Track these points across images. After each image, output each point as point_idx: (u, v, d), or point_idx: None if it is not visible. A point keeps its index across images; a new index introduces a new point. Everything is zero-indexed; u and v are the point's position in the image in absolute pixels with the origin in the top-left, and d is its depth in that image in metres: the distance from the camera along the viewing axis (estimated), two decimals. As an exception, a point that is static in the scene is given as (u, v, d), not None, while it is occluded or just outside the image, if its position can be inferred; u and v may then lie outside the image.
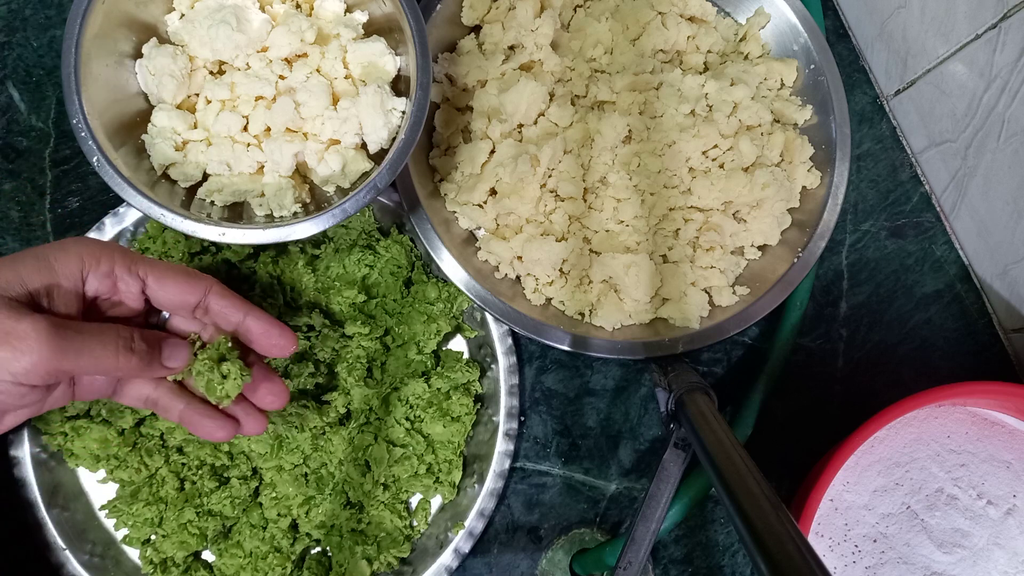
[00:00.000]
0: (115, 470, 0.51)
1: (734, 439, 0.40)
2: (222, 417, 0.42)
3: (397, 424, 0.54)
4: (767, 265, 0.57)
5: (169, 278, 0.40)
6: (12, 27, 0.58)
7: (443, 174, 0.57)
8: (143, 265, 0.39)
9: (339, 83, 0.51)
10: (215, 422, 0.41)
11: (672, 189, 0.56)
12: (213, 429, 0.41)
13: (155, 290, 0.40)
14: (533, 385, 0.58)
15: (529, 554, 0.56)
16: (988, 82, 0.54)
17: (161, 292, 0.40)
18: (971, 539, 0.52)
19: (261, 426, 0.44)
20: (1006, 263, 0.59)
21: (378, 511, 0.53)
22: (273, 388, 0.44)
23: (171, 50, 0.49)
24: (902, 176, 0.65)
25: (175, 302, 0.41)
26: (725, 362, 0.60)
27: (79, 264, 0.37)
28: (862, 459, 0.54)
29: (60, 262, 0.36)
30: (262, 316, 0.42)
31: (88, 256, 0.37)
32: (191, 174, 0.49)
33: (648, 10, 0.58)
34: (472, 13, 0.57)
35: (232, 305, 0.42)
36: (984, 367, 0.62)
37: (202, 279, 0.41)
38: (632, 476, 0.58)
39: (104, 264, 0.38)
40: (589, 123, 0.56)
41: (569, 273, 0.55)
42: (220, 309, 0.41)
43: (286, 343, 0.43)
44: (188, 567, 0.51)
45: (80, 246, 0.38)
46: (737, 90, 0.56)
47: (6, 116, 0.57)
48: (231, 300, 0.42)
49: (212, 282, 0.41)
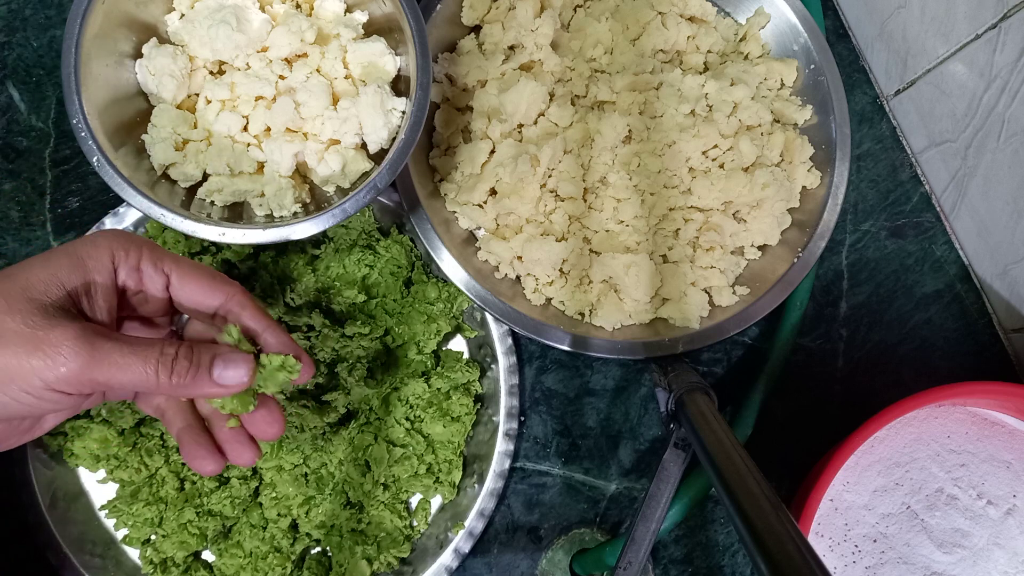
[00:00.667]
0: (115, 470, 0.51)
1: (734, 439, 0.40)
2: (215, 451, 0.39)
3: (397, 424, 0.54)
4: (767, 265, 0.57)
5: (192, 277, 0.38)
6: (12, 27, 0.58)
7: (443, 174, 0.57)
8: (168, 261, 0.38)
9: (339, 83, 0.51)
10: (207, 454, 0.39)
11: (672, 189, 0.56)
12: (202, 462, 0.39)
13: (177, 288, 0.38)
14: (533, 385, 0.58)
15: (529, 554, 0.56)
16: (988, 82, 0.54)
17: (183, 290, 0.38)
18: (971, 539, 0.52)
19: (253, 457, 0.41)
20: (1006, 263, 0.59)
21: (378, 511, 0.53)
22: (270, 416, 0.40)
23: (171, 50, 0.49)
24: (902, 176, 0.65)
25: (194, 303, 0.39)
26: (725, 362, 0.60)
27: (110, 257, 0.36)
28: (862, 459, 0.54)
29: (93, 258, 0.35)
30: (281, 335, 0.40)
31: (118, 248, 0.36)
32: (191, 174, 0.49)
33: (648, 10, 0.58)
34: (472, 13, 0.58)
35: (254, 317, 0.39)
36: (984, 367, 0.62)
37: (227, 284, 0.39)
38: (632, 476, 0.58)
39: (132, 256, 0.37)
40: (589, 123, 0.56)
41: (569, 273, 0.55)
42: (239, 319, 0.39)
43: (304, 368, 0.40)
44: (188, 567, 0.51)
45: (110, 239, 0.37)
46: (737, 90, 0.56)
47: (6, 116, 0.57)
48: (253, 312, 0.39)
49: (237, 289, 0.39)
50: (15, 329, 0.32)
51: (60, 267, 0.34)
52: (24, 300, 0.33)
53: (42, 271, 0.34)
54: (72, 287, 0.34)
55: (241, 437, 0.40)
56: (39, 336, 0.32)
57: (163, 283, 0.38)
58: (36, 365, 0.32)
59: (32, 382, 0.32)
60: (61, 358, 0.32)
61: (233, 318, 0.39)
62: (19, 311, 0.32)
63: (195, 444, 0.39)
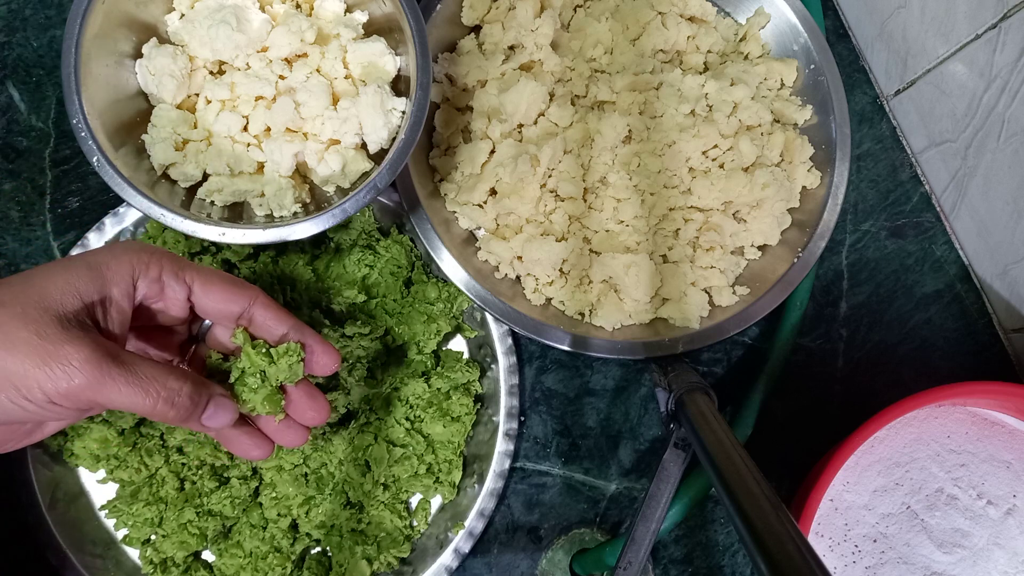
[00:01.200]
0: (115, 470, 0.51)
1: (734, 439, 0.40)
2: (260, 437, 0.41)
3: (397, 424, 0.54)
4: (767, 265, 0.57)
5: (215, 285, 0.39)
6: (12, 27, 0.58)
7: (443, 174, 0.57)
8: (190, 271, 0.38)
9: (339, 83, 0.51)
10: (253, 441, 0.40)
11: (672, 189, 0.56)
12: (250, 449, 0.40)
13: (200, 297, 0.39)
14: (533, 385, 0.58)
15: (529, 554, 0.56)
16: (988, 82, 0.54)
17: (206, 299, 0.39)
18: (971, 539, 0.52)
19: (303, 437, 0.42)
20: (1006, 263, 0.59)
21: (378, 511, 0.53)
22: (314, 403, 0.42)
23: (171, 50, 0.49)
24: (902, 176, 0.65)
25: (219, 310, 0.40)
26: (725, 362, 0.60)
27: (131, 271, 0.36)
28: (862, 459, 0.54)
29: (112, 270, 0.36)
30: (307, 331, 0.41)
31: (138, 262, 0.37)
32: (191, 174, 0.49)
33: (648, 10, 0.58)
34: (472, 13, 0.58)
35: (277, 318, 0.40)
36: (984, 367, 0.62)
37: (248, 289, 0.40)
38: (632, 476, 0.58)
39: (153, 269, 0.37)
40: (589, 123, 0.56)
41: (569, 273, 0.55)
42: (264, 321, 0.40)
43: (329, 361, 0.41)
44: (188, 567, 0.51)
45: (131, 252, 0.37)
46: (737, 90, 0.56)
47: (6, 116, 0.57)
48: (275, 312, 0.40)
49: (258, 292, 0.40)
50: (26, 338, 0.32)
51: (79, 277, 0.34)
52: (40, 308, 0.33)
53: (60, 279, 0.34)
54: (89, 299, 0.34)
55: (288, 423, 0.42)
56: (49, 349, 0.32)
57: (185, 293, 0.39)
58: (40, 376, 0.32)
59: (34, 392, 0.32)
60: (66, 375, 0.32)
61: (259, 321, 0.40)
62: (34, 319, 0.32)
63: (242, 435, 0.40)
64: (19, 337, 0.32)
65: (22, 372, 0.31)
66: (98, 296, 0.35)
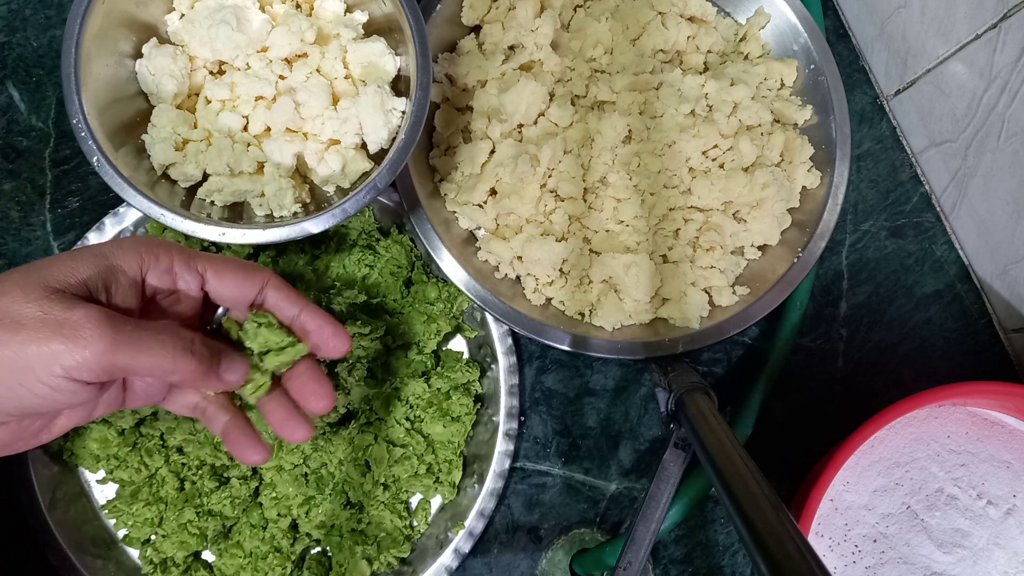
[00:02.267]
0: (115, 470, 0.51)
1: (734, 439, 0.40)
2: (260, 442, 0.41)
3: (397, 424, 0.54)
4: (767, 265, 0.57)
5: (228, 272, 0.39)
6: (12, 27, 0.58)
7: (443, 174, 0.57)
8: (202, 260, 0.39)
9: (339, 83, 0.51)
10: (253, 444, 0.40)
11: (672, 189, 0.56)
12: (250, 452, 0.40)
13: (214, 284, 0.39)
14: (533, 385, 0.58)
15: (529, 554, 0.56)
16: (988, 82, 0.54)
17: (220, 287, 0.39)
18: (971, 539, 0.52)
19: (307, 434, 0.41)
20: (1006, 263, 0.59)
21: (378, 511, 0.53)
22: (320, 390, 0.41)
23: (171, 50, 0.49)
24: (902, 176, 0.65)
25: (234, 296, 0.40)
26: (725, 362, 0.60)
27: (138, 261, 0.36)
28: (862, 459, 0.54)
29: (118, 258, 0.36)
30: (318, 312, 0.41)
31: (147, 253, 0.37)
32: (191, 174, 0.49)
33: (648, 10, 0.58)
34: (472, 13, 0.58)
35: (288, 299, 0.40)
36: (984, 367, 0.62)
37: (260, 271, 0.40)
38: (632, 476, 0.58)
39: (163, 260, 0.37)
40: (589, 123, 0.56)
41: (569, 273, 0.55)
42: (276, 303, 0.40)
43: (339, 342, 0.41)
44: (188, 567, 0.51)
45: (139, 244, 0.37)
46: (737, 90, 0.56)
47: (6, 116, 0.57)
48: (287, 293, 0.41)
49: (269, 275, 0.40)
50: (33, 314, 0.31)
51: (82, 261, 0.34)
52: (42, 288, 0.32)
53: (65, 265, 0.34)
54: (88, 275, 0.34)
55: (293, 415, 0.41)
56: (59, 319, 0.31)
57: (198, 283, 0.39)
58: (57, 349, 0.31)
59: (51, 369, 0.31)
60: (83, 340, 0.31)
61: (271, 303, 0.40)
62: (36, 299, 0.32)
63: (243, 437, 0.40)
64: (25, 315, 0.31)
65: (35, 350, 0.31)
66: (102, 281, 0.35)
